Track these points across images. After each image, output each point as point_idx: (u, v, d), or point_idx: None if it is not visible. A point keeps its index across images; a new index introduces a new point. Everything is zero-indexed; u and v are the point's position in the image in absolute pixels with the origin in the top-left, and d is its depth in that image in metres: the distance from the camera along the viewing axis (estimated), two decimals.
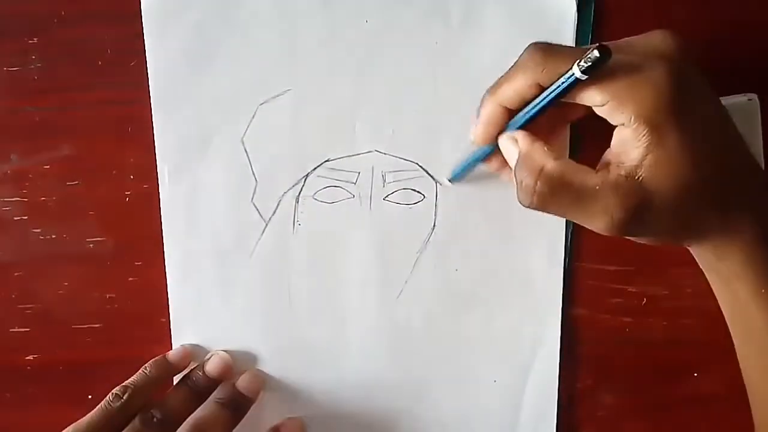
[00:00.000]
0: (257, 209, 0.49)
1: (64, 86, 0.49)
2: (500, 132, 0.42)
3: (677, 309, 0.50)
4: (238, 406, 0.49)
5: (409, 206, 0.49)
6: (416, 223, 0.49)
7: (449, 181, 0.48)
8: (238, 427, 0.48)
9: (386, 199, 0.49)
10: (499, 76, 0.42)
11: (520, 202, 0.40)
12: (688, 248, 0.42)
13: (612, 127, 0.39)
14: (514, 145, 0.41)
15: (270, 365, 0.51)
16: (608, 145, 0.39)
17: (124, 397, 0.46)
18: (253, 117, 0.48)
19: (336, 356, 0.50)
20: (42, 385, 0.52)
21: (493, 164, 0.46)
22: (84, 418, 0.45)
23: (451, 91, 0.48)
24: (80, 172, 0.50)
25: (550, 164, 0.39)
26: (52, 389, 0.52)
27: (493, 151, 0.44)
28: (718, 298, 0.43)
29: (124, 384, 0.47)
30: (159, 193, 0.49)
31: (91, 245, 0.51)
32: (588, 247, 0.50)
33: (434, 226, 0.49)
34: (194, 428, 0.45)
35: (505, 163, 0.43)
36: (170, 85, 0.48)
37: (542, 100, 0.40)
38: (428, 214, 0.49)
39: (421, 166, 0.48)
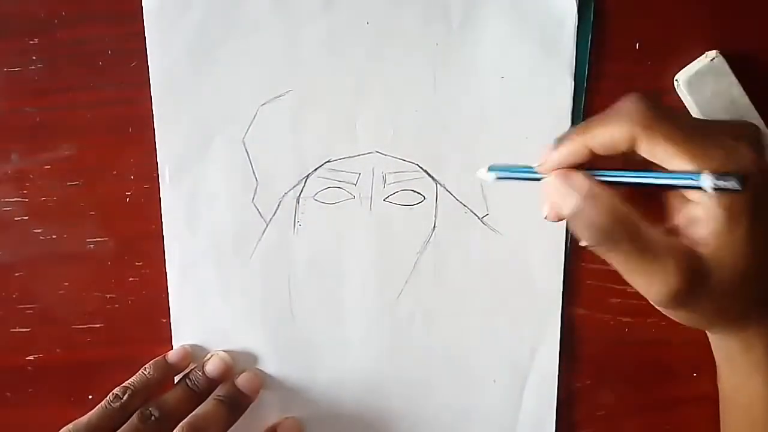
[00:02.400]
0: (258, 210, 0.49)
1: (65, 86, 0.49)
2: None
3: None
4: (236, 404, 0.49)
5: (410, 207, 0.49)
6: (416, 224, 0.49)
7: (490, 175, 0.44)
8: (237, 426, 0.48)
9: (387, 200, 0.49)
10: (500, 76, 0.41)
11: (585, 241, 0.38)
12: (710, 336, 0.43)
13: None
14: (572, 185, 0.38)
15: (270, 365, 0.51)
16: None
17: (124, 398, 0.46)
18: (254, 118, 0.48)
19: (336, 356, 0.50)
20: (42, 385, 0.52)
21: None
22: (84, 416, 0.45)
23: (452, 93, 0.48)
24: (81, 172, 0.50)
25: (623, 207, 0.37)
26: (52, 389, 0.52)
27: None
28: (723, 387, 0.44)
29: (124, 384, 0.47)
30: (159, 193, 0.49)
31: (91, 245, 0.51)
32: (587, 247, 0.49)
33: (434, 227, 0.49)
34: (191, 425, 0.45)
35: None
36: (171, 86, 0.48)
37: (643, 180, 0.37)
38: (428, 215, 0.49)
39: (421, 167, 0.48)
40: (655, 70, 0.48)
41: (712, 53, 0.46)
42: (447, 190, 0.49)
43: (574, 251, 0.49)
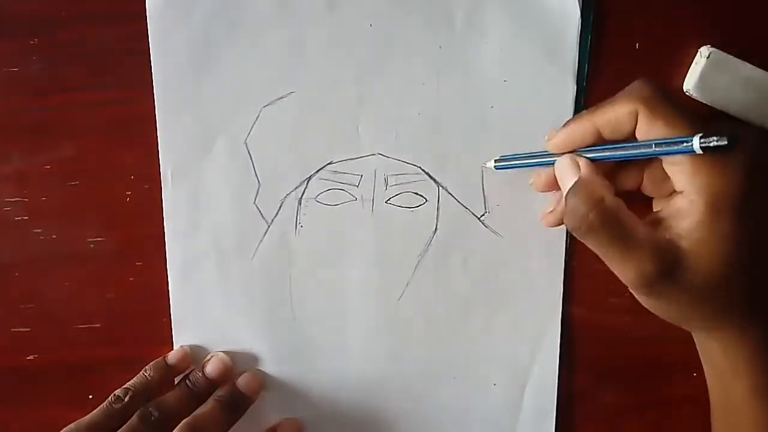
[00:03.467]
0: (259, 211, 0.49)
1: (65, 86, 0.49)
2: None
3: None
4: (236, 404, 0.49)
5: (411, 209, 0.49)
6: (418, 227, 0.49)
7: (495, 166, 0.47)
8: (237, 426, 0.48)
9: (388, 202, 0.49)
10: (503, 80, 0.41)
11: (566, 225, 0.41)
12: (694, 337, 0.44)
13: None
14: (574, 169, 0.41)
15: (270, 366, 0.51)
16: None
17: (126, 399, 0.46)
18: (257, 119, 0.48)
19: (336, 358, 0.51)
20: (42, 385, 0.52)
21: (541, 178, 0.45)
22: (85, 417, 0.45)
23: (454, 95, 0.48)
24: (81, 172, 0.50)
25: (609, 198, 0.39)
26: (53, 389, 0.52)
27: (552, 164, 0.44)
28: (710, 391, 0.44)
29: (125, 386, 0.48)
30: (160, 193, 0.49)
31: (91, 245, 0.51)
32: (588, 247, 0.50)
33: (436, 229, 0.49)
34: (190, 426, 0.45)
35: (552, 184, 0.44)
36: (174, 86, 0.48)
37: (638, 152, 0.39)
38: (430, 218, 0.49)
39: (423, 170, 0.49)
40: (655, 70, 0.48)
41: (705, 50, 0.46)
42: (449, 193, 0.49)
43: (574, 251, 0.50)
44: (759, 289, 0.39)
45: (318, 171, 0.49)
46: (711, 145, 0.36)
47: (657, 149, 0.38)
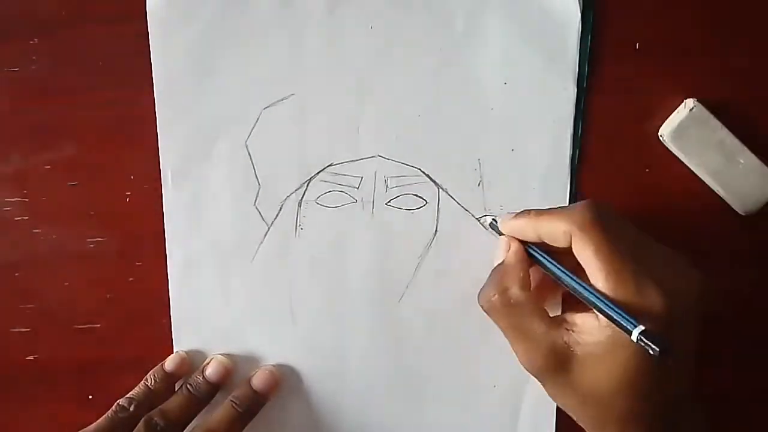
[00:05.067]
0: (260, 213, 0.49)
1: (65, 87, 0.49)
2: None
3: None
4: (250, 405, 0.49)
5: (411, 211, 0.49)
6: (418, 229, 0.49)
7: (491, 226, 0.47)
8: None
9: (389, 204, 0.49)
10: (503, 82, 0.41)
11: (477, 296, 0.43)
12: None
13: None
14: (504, 250, 0.44)
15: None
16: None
17: (131, 408, 0.47)
18: (257, 121, 0.48)
19: (336, 360, 0.51)
20: (42, 385, 0.52)
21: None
22: (90, 426, 0.46)
23: (455, 97, 0.48)
24: (81, 172, 0.50)
25: (515, 290, 0.42)
26: (53, 389, 0.52)
27: None
28: None
29: (128, 396, 0.48)
30: (159, 193, 0.49)
31: (91, 245, 0.51)
32: None
33: (436, 231, 0.49)
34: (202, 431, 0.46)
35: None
36: (175, 88, 0.48)
37: (581, 294, 0.40)
38: (430, 220, 0.49)
39: (423, 172, 0.49)
40: (654, 70, 0.48)
41: (690, 102, 0.47)
42: (449, 195, 0.49)
43: None
44: (640, 414, 0.40)
45: (318, 173, 0.49)
46: (645, 346, 0.36)
47: (598, 302, 0.38)
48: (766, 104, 0.48)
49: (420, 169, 0.49)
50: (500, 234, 0.45)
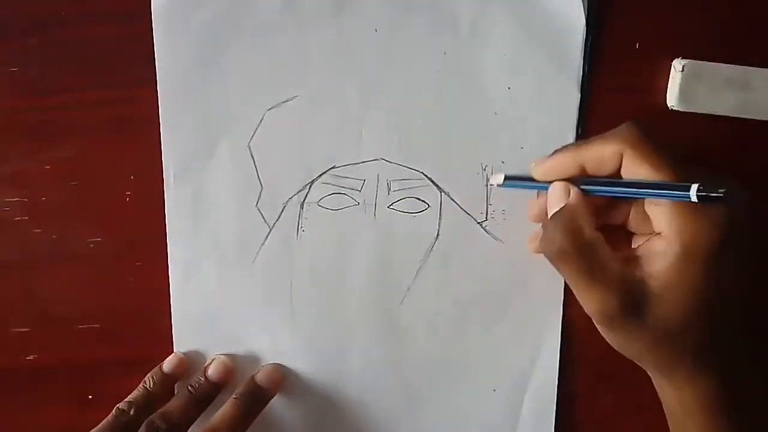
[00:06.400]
0: (261, 214, 0.49)
1: (65, 86, 0.49)
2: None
3: None
4: (254, 402, 0.49)
5: (413, 215, 0.49)
6: (420, 232, 0.49)
7: (502, 182, 0.47)
8: None
9: (391, 207, 0.49)
10: (507, 86, 0.42)
11: (539, 248, 0.42)
12: (650, 374, 0.45)
13: None
14: (564, 194, 0.42)
15: None
16: None
17: (131, 412, 0.47)
18: (260, 122, 0.48)
19: (336, 362, 0.51)
20: (42, 385, 0.52)
21: (534, 210, 0.46)
22: (92, 430, 0.46)
23: (459, 101, 0.48)
24: (80, 172, 0.50)
25: (588, 230, 0.40)
26: (52, 389, 0.52)
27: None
28: (670, 425, 0.45)
29: (127, 399, 0.48)
30: (159, 193, 0.49)
31: (91, 245, 0.50)
32: None
33: (437, 235, 0.49)
34: (207, 431, 0.46)
35: (545, 216, 0.44)
36: (178, 87, 0.48)
37: (634, 192, 0.40)
38: (432, 224, 0.49)
39: (426, 176, 0.49)
40: (654, 70, 0.48)
41: (678, 64, 0.47)
42: (451, 199, 0.49)
43: None
44: (715, 339, 0.40)
45: (321, 175, 0.49)
46: (710, 195, 0.36)
47: (653, 191, 0.39)
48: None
49: (422, 173, 0.49)
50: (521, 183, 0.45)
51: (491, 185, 0.48)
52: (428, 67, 0.48)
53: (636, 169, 0.39)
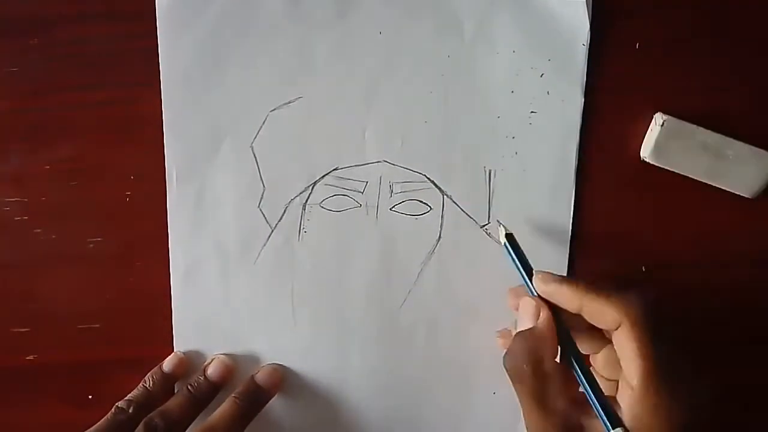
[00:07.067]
0: (264, 215, 0.49)
1: (65, 86, 0.49)
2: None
3: (677, 310, 0.51)
4: (253, 402, 0.49)
5: (416, 217, 0.49)
6: (422, 235, 0.49)
7: (507, 238, 0.46)
8: None
9: (393, 209, 0.49)
10: (511, 90, 0.42)
11: (503, 360, 0.42)
12: None
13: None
14: (534, 315, 0.42)
15: None
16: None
17: (130, 410, 0.47)
18: (264, 123, 0.48)
19: (337, 363, 0.51)
20: (42, 385, 0.52)
21: (514, 300, 0.46)
22: (90, 429, 0.46)
23: (462, 105, 0.48)
24: (80, 172, 0.50)
25: (549, 363, 0.41)
26: (52, 389, 0.52)
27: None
28: None
29: (127, 398, 0.48)
30: (159, 193, 0.49)
31: (91, 245, 0.50)
32: (589, 249, 0.50)
33: (439, 237, 0.49)
34: (205, 429, 0.46)
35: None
36: (182, 87, 0.48)
37: (583, 380, 0.40)
38: (434, 226, 0.49)
39: (428, 178, 0.49)
40: (654, 70, 0.49)
41: (659, 118, 0.47)
42: (453, 202, 0.49)
43: (575, 253, 0.50)
44: None
45: (323, 177, 0.49)
46: None
47: (592, 400, 0.40)
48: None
49: (425, 175, 0.49)
50: (516, 260, 0.45)
51: (490, 233, 0.49)
52: (432, 69, 0.48)
53: (625, 345, 0.39)
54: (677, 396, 0.38)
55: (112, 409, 0.47)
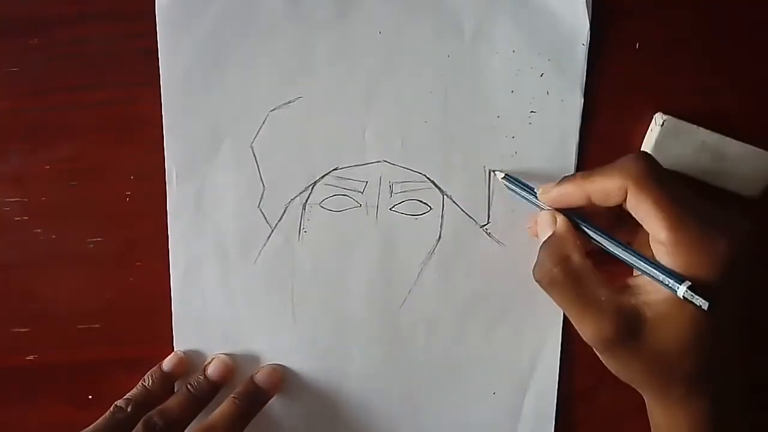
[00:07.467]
0: (264, 215, 0.49)
1: (64, 86, 0.49)
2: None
3: None
4: (253, 402, 0.49)
5: (416, 217, 0.49)
6: (422, 235, 0.49)
7: (504, 178, 0.47)
8: None
9: (393, 209, 0.49)
10: (510, 90, 0.42)
11: (533, 275, 0.43)
12: (644, 396, 0.45)
13: None
14: (551, 222, 0.43)
15: None
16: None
17: (129, 409, 0.47)
18: (263, 123, 0.48)
19: (337, 363, 0.51)
20: (42, 385, 0.52)
21: (534, 227, 0.46)
22: (89, 427, 0.46)
23: (462, 104, 0.48)
24: (80, 172, 0.50)
25: (576, 257, 0.41)
26: (52, 389, 0.52)
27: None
28: None
29: (126, 397, 0.48)
30: (159, 193, 0.49)
31: (91, 245, 0.50)
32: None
33: (439, 237, 0.49)
34: (205, 427, 0.46)
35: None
36: (182, 87, 0.48)
37: (622, 253, 0.41)
38: (434, 226, 0.49)
39: (428, 178, 0.49)
40: (654, 70, 0.49)
41: (659, 118, 0.47)
42: (454, 202, 0.49)
43: None
44: (709, 368, 0.41)
45: (323, 176, 0.49)
46: (693, 301, 0.37)
47: (645, 268, 0.39)
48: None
49: (425, 175, 0.49)
50: (518, 190, 0.46)
51: (493, 173, 0.48)
52: (432, 69, 0.48)
53: (638, 204, 0.39)
54: (711, 227, 0.38)
55: (111, 408, 0.47)
